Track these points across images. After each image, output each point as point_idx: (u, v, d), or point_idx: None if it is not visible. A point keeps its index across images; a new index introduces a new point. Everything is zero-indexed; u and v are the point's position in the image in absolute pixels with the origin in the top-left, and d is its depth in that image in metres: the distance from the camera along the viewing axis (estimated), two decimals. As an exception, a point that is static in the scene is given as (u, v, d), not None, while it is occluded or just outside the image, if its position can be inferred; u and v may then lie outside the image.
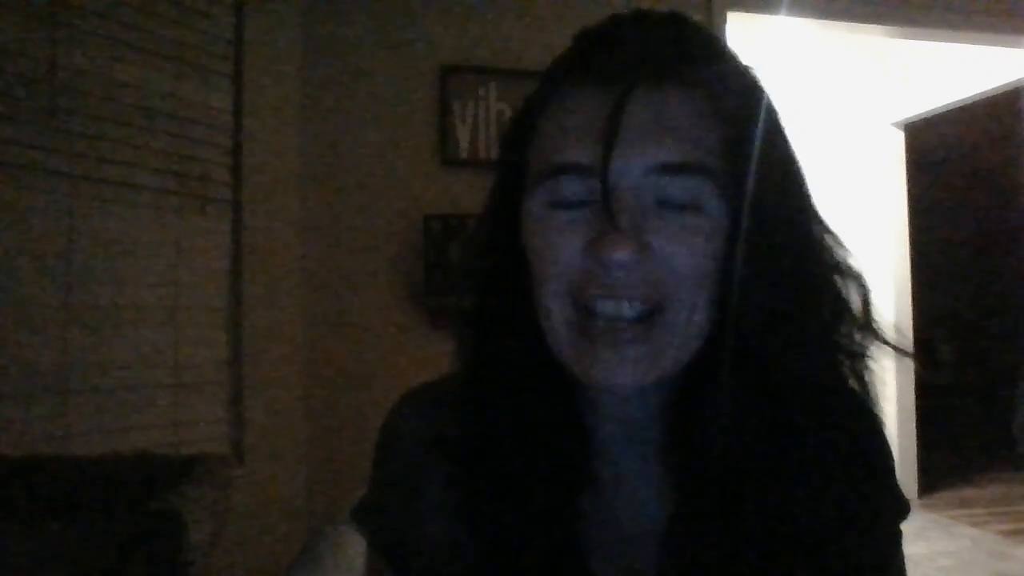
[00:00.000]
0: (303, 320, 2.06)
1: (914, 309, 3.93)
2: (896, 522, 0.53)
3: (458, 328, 0.54)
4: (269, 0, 1.99)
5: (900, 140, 3.96)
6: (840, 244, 0.50)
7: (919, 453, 3.85)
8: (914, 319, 3.92)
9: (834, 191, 3.67)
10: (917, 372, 3.79)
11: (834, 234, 0.50)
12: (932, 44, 3.25)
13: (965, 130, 4.81)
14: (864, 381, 0.50)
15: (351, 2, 2.16)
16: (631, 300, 0.45)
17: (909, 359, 0.52)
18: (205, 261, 1.85)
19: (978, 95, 3.51)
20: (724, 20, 2.41)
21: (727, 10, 2.42)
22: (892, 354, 0.50)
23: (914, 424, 3.84)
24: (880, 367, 0.50)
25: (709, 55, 0.48)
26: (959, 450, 4.73)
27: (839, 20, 2.65)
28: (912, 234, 3.94)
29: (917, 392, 3.87)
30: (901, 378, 3.75)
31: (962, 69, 3.50)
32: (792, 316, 0.46)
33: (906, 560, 0.55)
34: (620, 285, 0.45)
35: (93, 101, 1.62)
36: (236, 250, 1.91)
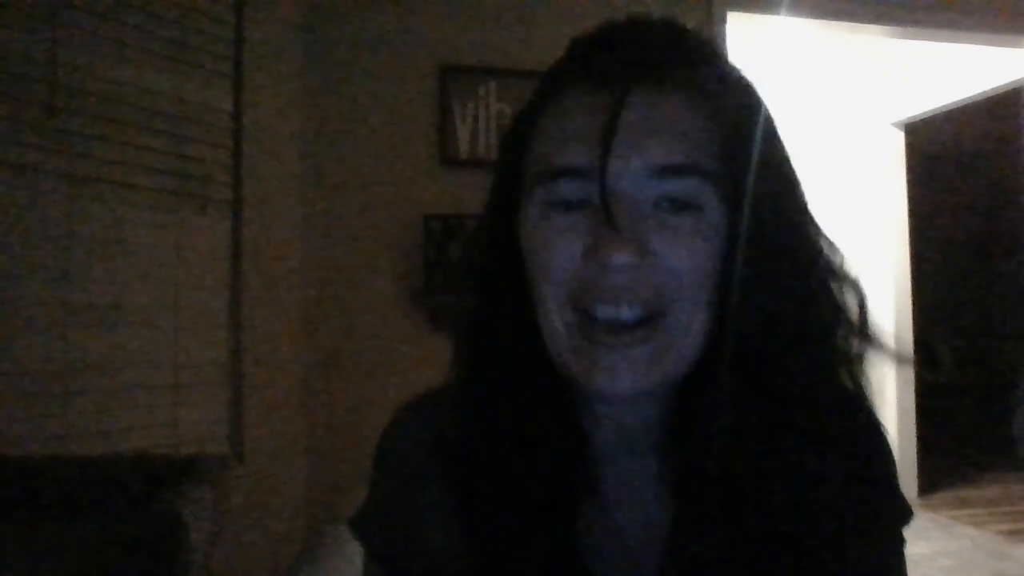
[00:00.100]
0: (303, 320, 2.06)
1: (914, 309, 3.93)
2: (898, 527, 0.53)
3: (456, 333, 0.54)
4: (269, 0, 1.99)
5: (900, 140, 3.96)
6: (836, 249, 0.49)
7: (919, 453, 3.85)
8: (914, 319, 3.92)
9: (834, 191, 3.68)
10: (917, 372, 3.79)
11: (830, 239, 0.50)
12: (932, 44, 3.25)
13: (965, 130, 4.81)
14: (861, 386, 0.50)
15: (351, 2, 2.16)
16: (631, 304, 0.45)
17: (906, 365, 0.52)
18: (205, 261, 1.85)
19: (978, 95, 3.51)
20: (724, 20, 2.41)
21: (727, 10, 2.42)
22: (889, 360, 0.50)
23: (914, 424, 3.83)
24: (879, 368, 0.50)
25: (704, 58, 0.48)
26: (959, 450, 4.73)
27: (839, 20, 2.65)
28: (912, 234, 3.94)
29: (917, 392, 3.87)
30: (901, 378, 3.75)
31: (962, 69, 3.50)
32: (790, 319, 0.46)
33: (906, 560, 0.54)
34: (620, 288, 0.44)
35: (93, 101, 1.62)
36: (236, 250, 1.91)
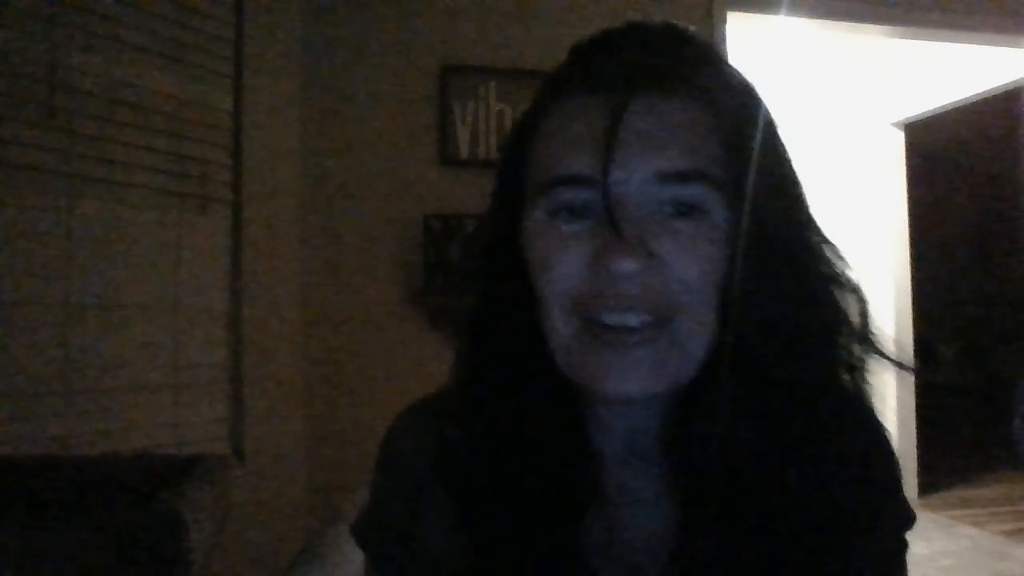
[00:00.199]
0: (303, 320, 2.06)
1: (914, 309, 3.92)
2: (900, 532, 0.53)
3: (458, 336, 0.54)
4: (269, 0, 1.99)
5: (900, 140, 3.96)
6: (838, 255, 0.49)
7: (919, 453, 3.84)
8: (914, 319, 3.92)
9: (834, 191, 3.68)
10: (917, 372, 3.78)
11: (832, 245, 0.49)
12: (932, 44, 3.24)
13: (965, 130, 4.81)
14: (863, 390, 0.49)
15: (351, 2, 2.16)
16: (638, 310, 0.44)
17: (908, 371, 0.52)
18: (205, 261, 1.85)
19: (978, 95, 3.51)
20: (724, 20, 2.41)
21: (727, 10, 2.42)
22: (891, 366, 0.50)
23: (914, 424, 3.83)
24: (880, 369, 0.50)
25: (705, 62, 0.48)
26: (959, 450, 4.73)
27: (839, 20, 2.65)
28: (912, 234, 3.93)
29: (917, 392, 3.87)
30: (901, 378, 3.74)
31: (962, 69, 3.50)
32: (791, 322, 0.46)
33: (906, 560, 0.54)
34: (627, 296, 0.44)
35: (93, 101, 1.62)
36: (236, 250, 1.91)
